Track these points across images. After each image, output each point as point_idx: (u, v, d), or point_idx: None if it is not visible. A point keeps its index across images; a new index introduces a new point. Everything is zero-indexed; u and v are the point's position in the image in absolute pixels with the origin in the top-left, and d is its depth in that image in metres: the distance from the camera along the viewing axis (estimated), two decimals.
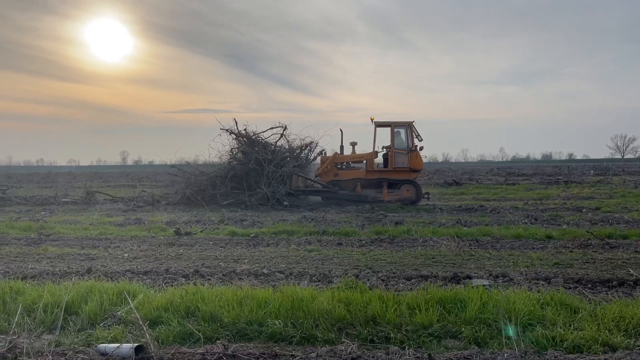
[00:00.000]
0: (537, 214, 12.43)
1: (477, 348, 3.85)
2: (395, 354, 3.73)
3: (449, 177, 32.39)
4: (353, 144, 17.33)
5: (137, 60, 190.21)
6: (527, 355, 3.65)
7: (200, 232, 10.47)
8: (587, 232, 9.30)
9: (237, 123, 17.24)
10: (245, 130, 17.25)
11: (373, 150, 16.83)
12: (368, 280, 6.04)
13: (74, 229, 10.98)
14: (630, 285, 5.71)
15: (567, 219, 11.50)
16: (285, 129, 17.23)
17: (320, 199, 17.00)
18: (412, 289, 5.52)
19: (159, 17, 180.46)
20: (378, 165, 17.16)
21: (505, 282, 5.95)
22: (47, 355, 3.71)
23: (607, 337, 3.90)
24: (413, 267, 6.95)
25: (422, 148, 16.57)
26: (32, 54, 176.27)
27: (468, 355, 3.67)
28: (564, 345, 3.81)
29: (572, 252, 7.88)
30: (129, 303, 4.41)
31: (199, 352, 3.75)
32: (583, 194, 18.60)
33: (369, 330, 4.17)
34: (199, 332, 4.16)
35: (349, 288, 5.23)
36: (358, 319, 4.33)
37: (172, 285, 5.76)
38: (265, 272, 6.63)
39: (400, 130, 16.67)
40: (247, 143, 17.16)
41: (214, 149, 17.75)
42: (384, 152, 16.97)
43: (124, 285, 5.28)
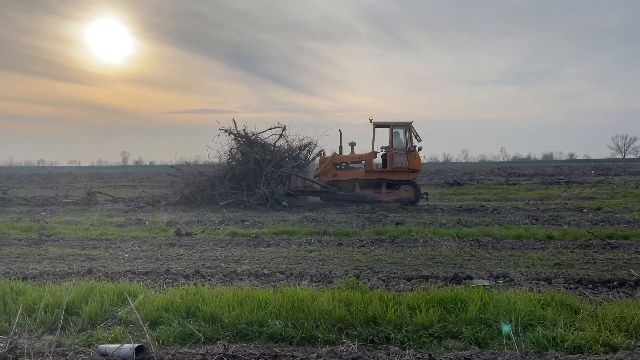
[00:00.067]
0: (538, 214, 12.43)
1: (477, 348, 3.84)
2: (396, 355, 3.73)
3: (450, 177, 32.38)
4: (352, 145, 17.33)
5: (137, 61, 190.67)
6: (527, 356, 3.65)
7: (201, 232, 10.48)
8: (588, 232, 9.30)
9: (236, 123, 17.29)
10: (244, 131, 17.27)
11: (372, 151, 16.83)
12: (369, 281, 6.04)
13: (75, 230, 10.99)
14: (631, 286, 5.70)
15: (568, 219, 11.49)
16: (284, 130, 17.28)
17: (319, 199, 17.01)
18: (412, 290, 5.52)
19: (160, 17, 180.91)
20: (377, 166, 17.16)
21: (506, 282, 5.95)
22: (47, 356, 3.72)
23: (607, 337, 3.90)
24: (414, 267, 6.95)
25: (420, 148, 16.58)
26: (33, 55, 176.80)
27: (469, 356, 3.67)
28: (565, 346, 3.80)
29: (573, 252, 7.87)
30: (130, 303, 4.41)
31: (200, 352, 3.75)
32: (584, 194, 18.58)
33: (370, 331, 4.17)
34: (200, 332, 4.16)
35: (350, 288, 5.22)
36: (358, 320, 4.33)
37: (172, 286, 5.76)
38: (266, 272, 6.64)
39: (399, 131, 16.68)
40: (246, 143, 17.17)
41: (213, 149, 17.80)
42: (383, 152, 16.98)
43: (125, 286, 5.29)
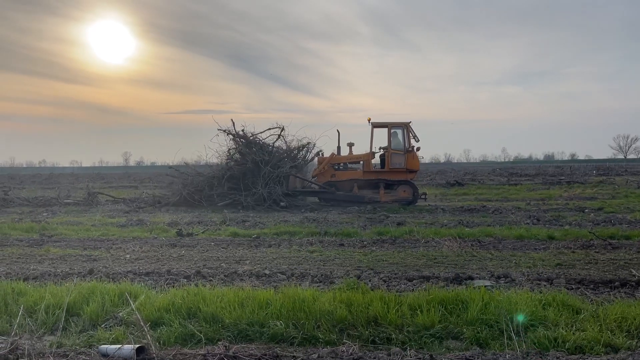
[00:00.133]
0: (539, 215, 12.41)
1: (478, 349, 3.84)
2: (397, 355, 3.72)
3: (451, 177, 32.37)
4: (350, 145, 17.33)
5: (139, 62, 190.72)
6: (529, 356, 3.64)
7: (202, 233, 10.48)
8: (589, 232, 9.28)
9: (234, 124, 17.26)
10: (243, 131, 17.25)
11: (370, 151, 16.82)
12: (370, 281, 6.03)
13: (76, 230, 11.00)
14: (633, 286, 5.69)
15: (569, 220, 11.47)
16: (283, 130, 17.24)
17: (317, 200, 16.99)
18: (413, 290, 5.51)
19: (161, 18, 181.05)
20: (375, 166, 17.14)
21: (507, 282, 5.94)
22: (48, 357, 3.72)
23: (609, 338, 3.89)
24: (415, 267, 6.95)
25: (419, 149, 16.57)
26: (34, 55, 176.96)
27: (470, 356, 3.67)
28: (566, 346, 3.80)
29: (574, 252, 7.86)
30: (131, 304, 4.42)
31: (201, 353, 3.75)
32: (585, 195, 18.55)
33: (371, 331, 4.17)
34: (201, 333, 4.16)
35: (351, 289, 5.22)
36: (360, 320, 4.32)
37: (173, 286, 5.76)
38: (267, 273, 6.63)
39: (397, 131, 16.67)
40: (244, 144, 17.15)
41: (212, 150, 17.94)
42: (381, 152, 16.97)
43: (126, 286, 5.29)
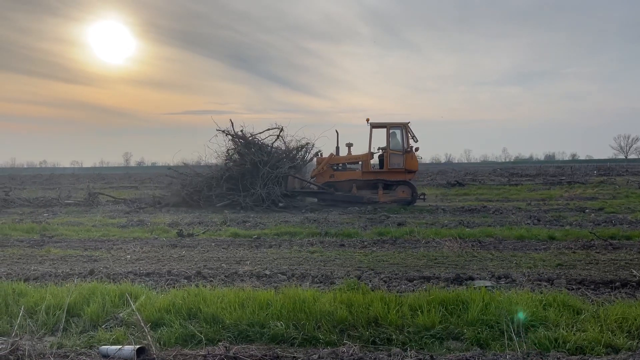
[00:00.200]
0: (540, 215, 12.41)
1: (479, 349, 3.83)
2: (397, 356, 3.72)
3: (452, 177, 32.36)
4: (349, 145, 17.34)
5: (139, 62, 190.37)
6: (529, 357, 3.64)
7: (203, 233, 10.48)
8: (590, 232, 9.28)
9: (233, 124, 17.25)
10: (242, 132, 17.25)
11: (369, 152, 16.83)
12: (370, 282, 6.03)
13: (77, 231, 11.01)
14: (633, 286, 5.69)
15: (570, 220, 11.47)
16: (282, 131, 17.23)
17: (316, 200, 16.98)
18: (414, 290, 5.51)
19: (161, 18, 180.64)
20: (374, 167, 17.15)
21: (508, 283, 5.93)
22: (49, 357, 3.73)
23: (609, 338, 3.89)
24: (415, 268, 6.94)
25: (417, 149, 16.58)
26: (34, 56, 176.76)
27: (470, 357, 3.67)
28: (567, 347, 3.79)
29: (575, 253, 7.85)
30: (131, 305, 4.42)
31: (201, 354, 3.75)
32: (586, 195, 18.55)
33: (371, 332, 4.17)
34: (201, 333, 4.16)
35: (351, 289, 5.22)
36: (360, 321, 4.32)
37: (174, 287, 5.76)
38: (268, 273, 6.63)
39: (396, 132, 16.69)
40: (243, 144, 17.15)
41: (212, 150, 18.01)
42: (380, 153, 16.97)
43: (126, 287, 5.29)
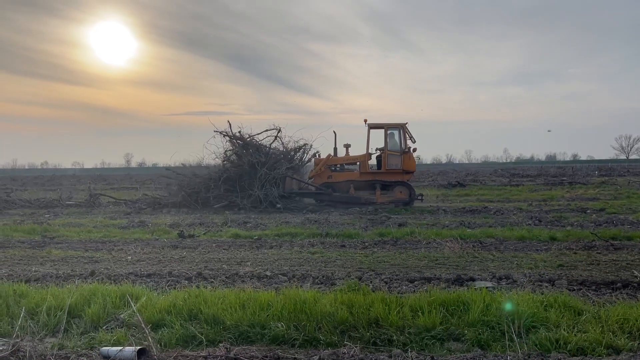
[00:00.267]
0: (541, 216, 12.40)
1: (480, 350, 3.83)
2: (398, 357, 3.72)
3: (453, 178, 32.36)
4: (347, 146, 17.35)
5: (140, 63, 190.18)
6: (530, 358, 3.63)
7: (204, 234, 10.49)
8: (591, 233, 9.27)
9: (231, 125, 17.24)
10: (240, 133, 17.24)
11: (366, 152, 16.83)
12: (371, 283, 6.03)
13: (78, 232, 11.02)
14: (635, 287, 5.67)
15: (571, 220, 11.46)
16: (280, 132, 17.23)
17: (313, 201, 16.98)
18: (415, 291, 5.50)
19: (162, 19, 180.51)
20: (371, 167, 17.14)
21: (509, 284, 5.93)
22: (50, 359, 3.73)
23: (611, 339, 3.88)
24: (416, 269, 6.94)
25: (415, 150, 16.58)
26: (36, 57, 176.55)
27: (471, 358, 3.66)
28: (568, 348, 3.79)
29: (576, 253, 7.84)
30: (132, 306, 4.42)
31: (202, 355, 3.75)
32: (587, 195, 18.53)
33: (372, 333, 4.16)
34: (202, 335, 4.16)
35: (352, 290, 5.21)
36: (361, 322, 4.32)
37: (175, 288, 5.76)
38: (268, 274, 6.63)
39: (394, 132, 16.69)
40: (241, 145, 17.15)
41: (210, 151, 18.07)
42: (378, 154, 16.97)
43: (127, 288, 5.29)
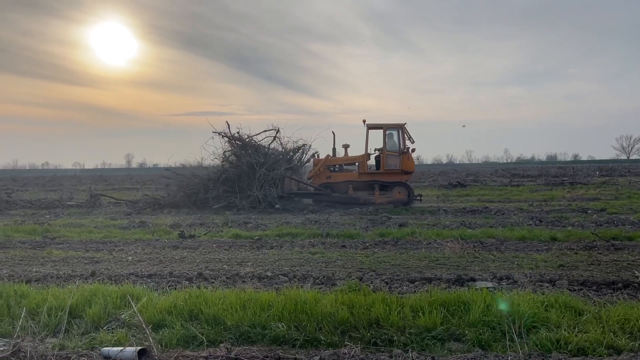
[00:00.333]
0: (541, 216, 12.39)
1: (480, 351, 3.83)
2: (399, 357, 3.72)
3: (453, 178, 32.35)
4: (346, 147, 17.35)
5: (141, 63, 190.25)
6: (531, 358, 3.63)
7: (204, 235, 10.49)
8: (592, 233, 9.26)
9: (229, 126, 17.24)
10: (238, 133, 17.24)
11: (365, 153, 16.83)
12: (372, 283, 6.03)
13: (79, 232, 11.03)
14: (636, 287, 5.67)
15: (572, 221, 11.45)
16: (279, 132, 17.24)
17: (312, 202, 16.98)
18: (415, 292, 5.50)
19: (163, 20, 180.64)
20: (370, 168, 17.14)
21: (510, 284, 5.92)
22: (50, 359, 3.73)
23: (611, 339, 3.88)
24: (417, 269, 6.94)
25: (414, 150, 16.59)
26: (36, 58, 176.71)
27: (472, 358, 3.66)
28: (569, 348, 3.79)
29: (577, 254, 7.84)
30: (133, 306, 4.43)
31: (202, 355, 3.75)
32: (588, 195, 18.51)
33: (373, 333, 4.16)
34: (203, 335, 4.16)
35: (353, 291, 5.22)
36: (361, 322, 4.32)
37: (175, 288, 5.77)
38: (269, 274, 6.64)
39: (393, 133, 16.71)
40: (239, 146, 17.16)
41: (208, 152, 18.10)
42: (376, 154, 16.97)
43: (128, 289, 5.30)
